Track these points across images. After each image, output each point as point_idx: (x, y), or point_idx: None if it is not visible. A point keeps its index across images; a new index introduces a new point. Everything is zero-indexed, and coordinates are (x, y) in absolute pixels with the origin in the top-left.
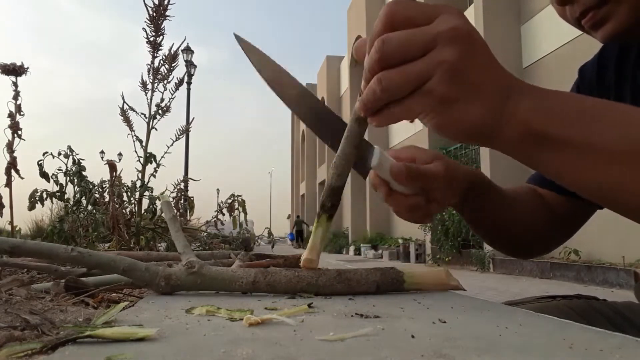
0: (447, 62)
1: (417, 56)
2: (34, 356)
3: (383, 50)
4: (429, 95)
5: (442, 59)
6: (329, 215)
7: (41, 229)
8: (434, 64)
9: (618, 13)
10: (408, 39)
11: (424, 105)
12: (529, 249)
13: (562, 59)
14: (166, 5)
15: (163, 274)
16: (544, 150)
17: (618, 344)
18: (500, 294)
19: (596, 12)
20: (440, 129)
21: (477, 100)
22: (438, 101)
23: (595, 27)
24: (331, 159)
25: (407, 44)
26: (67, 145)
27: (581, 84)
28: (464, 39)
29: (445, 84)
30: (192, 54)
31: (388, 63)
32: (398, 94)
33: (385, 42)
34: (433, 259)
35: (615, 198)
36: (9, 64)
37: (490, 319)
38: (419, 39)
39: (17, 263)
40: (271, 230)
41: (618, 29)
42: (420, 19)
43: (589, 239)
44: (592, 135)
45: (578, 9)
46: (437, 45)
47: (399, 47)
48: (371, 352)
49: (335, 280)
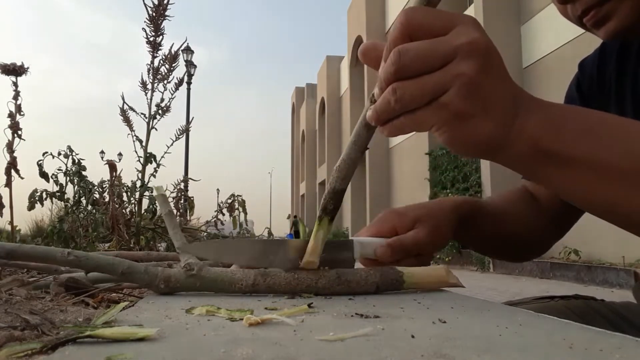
0: (465, 75)
1: (435, 68)
2: (34, 356)
3: (400, 62)
4: (444, 108)
5: (460, 72)
6: (330, 218)
7: (41, 229)
8: (451, 76)
9: (620, 11)
10: (426, 51)
11: (438, 119)
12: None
13: (562, 59)
14: (166, 5)
15: (162, 276)
16: (549, 166)
17: (618, 344)
18: (500, 294)
19: (598, 10)
20: (452, 144)
21: (489, 115)
22: (452, 115)
23: (597, 25)
24: (331, 159)
25: (425, 56)
26: (67, 145)
27: (581, 78)
28: (483, 52)
29: (461, 97)
30: (192, 54)
31: (404, 75)
32: (412, 105)
33: (402, 53)
34: (433, 259)
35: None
36: (9, 64)
37: (490, 319)
38: (437, 51)
39: (17, 263)
40: (271, 230)
41: (620, 27)
42: (437, 28)
43: (589, 239)
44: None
45: (580, 7)
46: (455, 57)
47: (417, 59)
48: (371, 352)
49: (335, 282)
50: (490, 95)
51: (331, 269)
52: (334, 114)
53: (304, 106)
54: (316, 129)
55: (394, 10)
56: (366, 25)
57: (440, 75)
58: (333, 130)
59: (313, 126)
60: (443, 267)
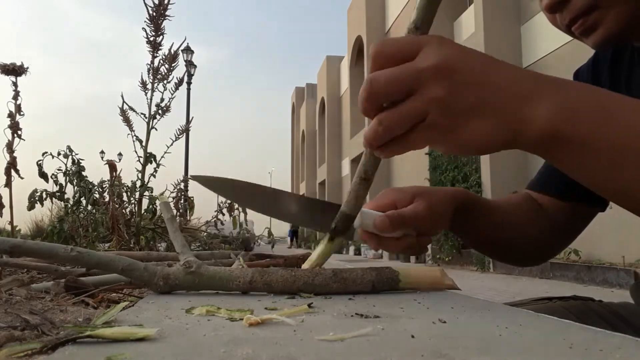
0: (437, 98)
1: (407, 92)
2: (34, 356)
3: (371, 89)
4: (431, 128)
5: (431, 96)
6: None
7: (41, 229)
8: (425, 102)
9: (607, 19)
10: (393, 77)
11: (429, 137)
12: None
13: (562, 59)
14: (166, 5)
15: (161, 273)
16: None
17: (618, 344)
18: (500, 294)
19: (585, 19)
20: (454, 153)
21: (481, 118)
22: (440, 131)
23: (586, 34)
24: (331, 159)
25: (393, 81)
26: (67, 145)
27: None
28: (447, 72)
29: (442, 117)
30: (192, 54)
31: (377, 100)
32: (398, 131)
33: (372, 81)
34: (433, 259)
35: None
36: (8, 64)
37: (490, 319)
38: (403, 76)
39: (17, 263)
40: (271, 230)
41: (608, 35)
42: (405, 54)
43: (589, 239)
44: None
45: (567, 16)
46: (423, 82)
47: (386, 85)
48: (371, 352)
49: (331, 279)
50: (472, 104)
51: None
52: (334, 114)
53: (304, 106)
54: (316, 129)
55: (394, 10)
56: (366, 25)
57: (416, 101)
58: (333, 130)
59: (313, 126)
60: (439, 268)
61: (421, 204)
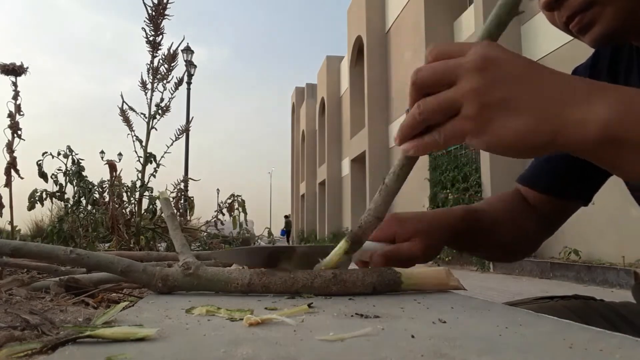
0: (472, 89)
1: (449, 84)
2: (34, 356)
3: (417, 77)
4: (466, 120)
5: (467, 87)
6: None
7: (41, 229)
8: (461, 91)
9: (604, 16)
10: (438, 68)
11: (464, 130)
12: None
13: (562, 59)
14: (165, 5)
15: (160, 275)
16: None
17: (618, 344)
18: (500, 294)
19: (583, 16)
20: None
21: (515, 116)
22: (476, 124)
23: (583, 31)
24: (331, 159)
25: (437, 72)
26: (67, 145)
27: None
28: (488, 64)
29: (475, 108)
30: (192, 54)
31: (422, 89)
32: (433, 117)
33: (419, 70)
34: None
35: None
36: (8, 64)
37: (490, 319)
38: (448, 68)
39: (18, 263)
40: (271, 230)
41: (605, 32)
42: (454, 53)
43: (589, 239)
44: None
45: (565, 13)
46: (463, 74)
47: (431, 75)
48: (371, 352)
49: (331, 282)
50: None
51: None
52: (334, 114)
53: (304, 106)
54: (316, 129)
55: (394, 10)
56: (366, 25)
57: (453, 91)
58: (333, 130)
59: (313, 126)
60: (444, 269)
61: (418, 244)
